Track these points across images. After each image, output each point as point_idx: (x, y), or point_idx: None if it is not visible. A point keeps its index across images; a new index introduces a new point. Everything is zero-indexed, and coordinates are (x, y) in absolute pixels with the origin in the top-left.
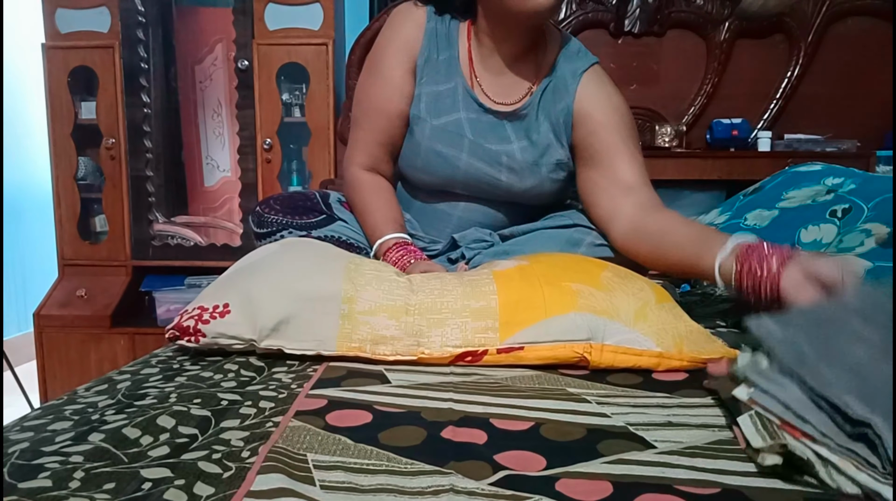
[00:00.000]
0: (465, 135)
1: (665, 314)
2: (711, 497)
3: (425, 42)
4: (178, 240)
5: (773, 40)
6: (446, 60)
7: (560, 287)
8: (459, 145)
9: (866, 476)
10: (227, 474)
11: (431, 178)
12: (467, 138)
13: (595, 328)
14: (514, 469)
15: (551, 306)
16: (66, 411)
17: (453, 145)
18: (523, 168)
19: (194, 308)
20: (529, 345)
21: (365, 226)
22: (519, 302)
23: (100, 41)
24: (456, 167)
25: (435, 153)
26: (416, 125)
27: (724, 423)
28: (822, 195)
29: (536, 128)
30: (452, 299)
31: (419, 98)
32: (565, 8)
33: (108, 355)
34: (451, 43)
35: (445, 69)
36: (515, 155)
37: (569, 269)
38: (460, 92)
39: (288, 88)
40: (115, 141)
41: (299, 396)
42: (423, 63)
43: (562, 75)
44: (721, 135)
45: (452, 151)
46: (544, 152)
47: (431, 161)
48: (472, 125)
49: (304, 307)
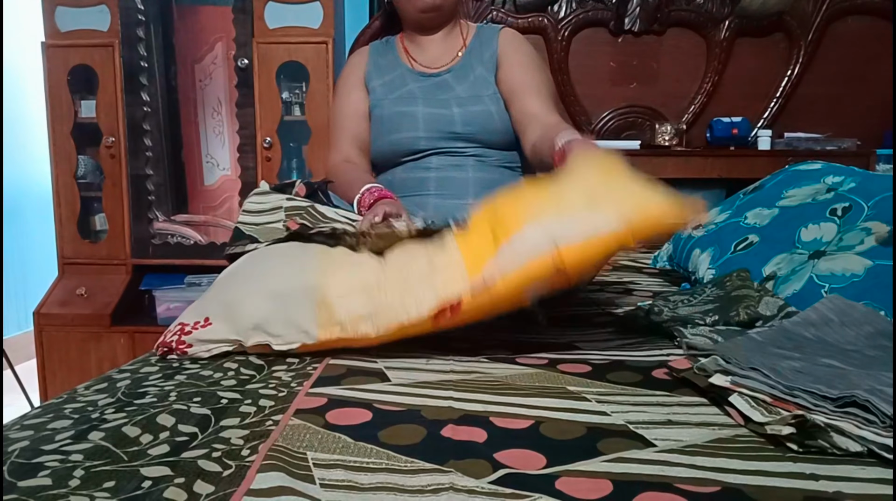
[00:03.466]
0: (417, 96)
1: (615, 186)
2: (711, 496)
3: (370, 57)
4: (178, 238)
5: (773, 39)
6: (389, 61)
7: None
8: (414, 103)
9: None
10: (226, 472)
11: (398, 136)
12: (419, 98)
13: (553, 231)
14: (514, 468)
15: (508, 229)
16: (65, 409)
17: (410, 104)
18: (469, 100)
19: (175, 326)
20: (501, 279)
21: (348, 196)
22: (479, 243)
23: (100, 40)
24: (415, 118)
25: (398, 114)
26: (377, 107)
27: (724, 422)
28: (823, 194)
29: (471, 72)
30: (419, 266)
31: (374, 90)
32: (565, 7)
33: (108, 353)
34: (390, 48)
35: (390, 65)
36: (459, 94)
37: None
38: (405, 73)
39: (288, 87)
40: (115, 140)
41: (299, 394)
42: (370, 70)
43: (484, 37)
44: (721, 133)
45: (410, 108)
46: (482, 86)
47: (395, 122)
48: (421, 89)
49: (281, 304)
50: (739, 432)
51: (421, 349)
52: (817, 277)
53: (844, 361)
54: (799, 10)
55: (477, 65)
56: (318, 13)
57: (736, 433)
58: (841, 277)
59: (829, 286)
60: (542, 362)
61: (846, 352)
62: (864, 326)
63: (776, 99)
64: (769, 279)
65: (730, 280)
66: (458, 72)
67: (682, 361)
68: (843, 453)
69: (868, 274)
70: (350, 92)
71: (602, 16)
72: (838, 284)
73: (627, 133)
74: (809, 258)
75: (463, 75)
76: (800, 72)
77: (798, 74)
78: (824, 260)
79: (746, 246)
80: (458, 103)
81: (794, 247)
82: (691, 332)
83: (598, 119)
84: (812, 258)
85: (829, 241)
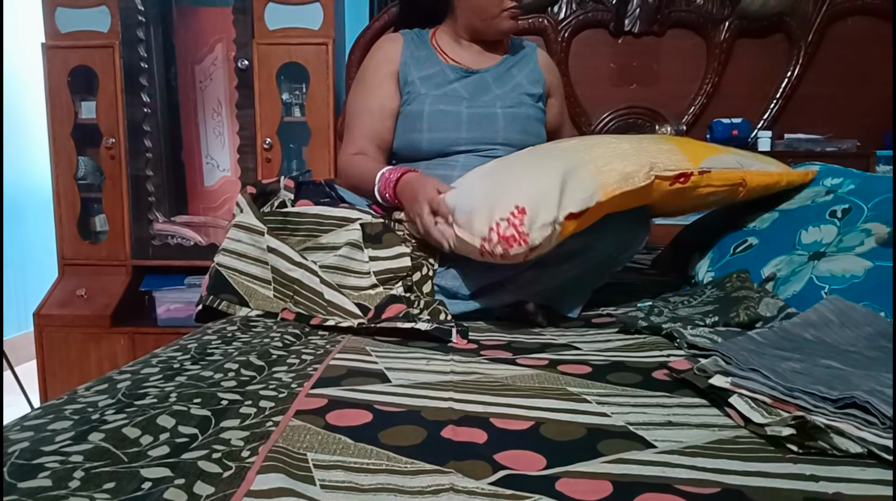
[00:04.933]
0: (461, 95)
1: None
2: (711, 497)
3: (405, 48)
4: (178, 239)
5: (773, 40)
6: (427, 55)
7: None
8: (459, 103)
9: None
10: (227, 473)
11: (439, 135)
12: (464, 97)
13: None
14: (514, 469)
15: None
16: (66, 410)
17: (454, 104)
18: (512, 102)
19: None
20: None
21: (364, 186)
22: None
23: (100, 41)
24: (459, 118)
25: (439, 112)
26: (415, 99)
27: (725, 423)
28: (822, 196)
29: (511, 78)
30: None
31: (413, 83)
32: (565, 7)
33: (108, 354)
34: (425, 43)
35: (427, 60)
36: (501, 95)
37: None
38: (446, 69)
39: (288, 88)
40: (115, 141)
41: (299, 395)
42: (407, 61)
43: (519, 50)
44: (721, 135)
45: (454, 107)
46: (524, 93)
47: (438, 120)
48: (464, 87)
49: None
50: (739, 433)
51: (421, 350)
52: (817, 278)
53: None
54: (799, 10)
55: (517, 73)
56: (318, 14)
57: (736, 434)
58: (841, 278)
59: (829, 287)
60: (542, 363)
61: (846, 353)
62: (864, 327)
63: (776, 100)
64: (769, 281)
65: (730, 281)
66: (497, 74)
67: (682, 362)
68: (843, 454)
69: (868, 275)
70: (380, 84)
71: (602, 17)
72: (838, 285)
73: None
74: (809, 260)
75: (503, 79)
76: (800, 73)
77: (798, 75)
78: (824, 261)
79: (745, 249)
80: (501, 104)
81: (793, 249)
82: (691, 333)
83: (599, 120)
84: (812, 260)
85: (829, 242)
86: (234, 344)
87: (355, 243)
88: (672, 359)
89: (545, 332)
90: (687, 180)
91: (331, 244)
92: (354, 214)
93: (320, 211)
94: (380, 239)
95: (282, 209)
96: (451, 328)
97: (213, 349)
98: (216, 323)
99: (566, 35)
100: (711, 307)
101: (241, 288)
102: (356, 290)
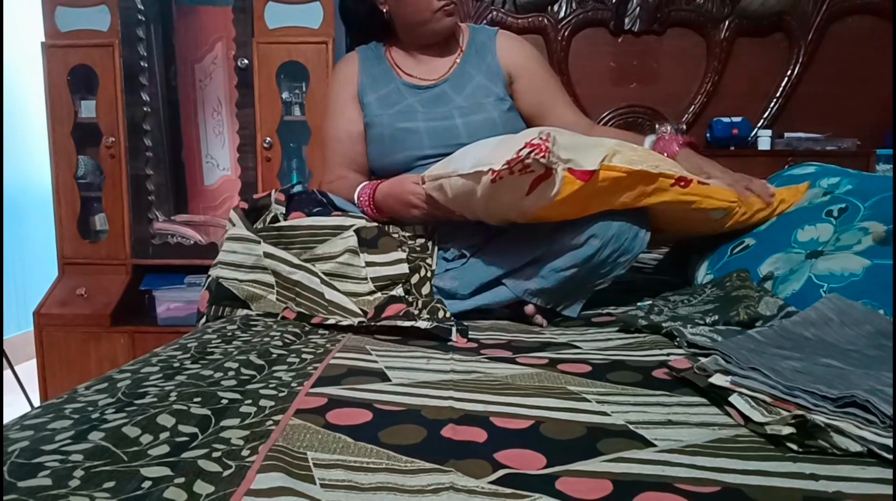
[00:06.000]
0: (417, 110)
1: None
2: (711, 496)
3: (361, 68)
4: (178, 239)
5: (773, 39)
6: (382, 72)
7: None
8: (415, 118)
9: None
10: (226, 472)
11: (401, 154)
12: (419, 111)
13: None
14: (514, 468)
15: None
16: (65, 410)
17: (410, 120)
18: (471, 109)
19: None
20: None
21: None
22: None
23: (99, 40)
24: (418, 134)
25: (400, 131)
26: (374, 123)
27: (725, 421)
28: (819, 197)
29: (470, 81)
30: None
31: (369, 105)
32: (565, 6)
33: (108, 353)
34: (381, 59)
35: (383, 77)
36: (461, 104)
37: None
38: (400, 86)
39: (288, 87)
40: (115, 140)
41: (299, 394)
42: (364, 81)
43: (479, 42)
44: (721, 133)
45: (411, 124)
46: (484, 94)
47: (398, 139)
48: (420, 102)
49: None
50: (739, 432)
51: (421, 349)
52: (816, 276)
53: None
54: (799, 10)
55: (475, 72)
56: (317, 13)
57: (736, 433)
58: (840, 276)
59: (828, 286)
60: (542, 362)
61: (846, 352)
62: (864, 325)
63: (776, 99)
64: (767, 279)
65: (729, 280)
66: (454, 81)
67: (682, 361)
68: (843, 453)
69: (867, 273)
70: (342, 111)
71: (602, 16)
72: (837, 283)
73: None
74: (806, 257)
75: (461, 84)
76: (800, 72)
77: (798, 74)
78: (822, 260)
79: (742, 249)
80: (460, 114)
81: (789, 246)
82: (691, 332)
83: (598, 119)
84: (809, 258)
85: (826, 240)
86: (235, 343)
87: (353, 249)
88: (672, 358)
89: (545, 331)
90: (688, 185)
91: (327, 254)
92: (348, 221)
93: (313, 222)
94: (375, 243)
95: (275, 224)
96: (451, 326)
97: (213, 347)
98: (216, 322)
99: (566, 34)
100: (711, 306)
101: (242, 294)
102: (354, 296)
